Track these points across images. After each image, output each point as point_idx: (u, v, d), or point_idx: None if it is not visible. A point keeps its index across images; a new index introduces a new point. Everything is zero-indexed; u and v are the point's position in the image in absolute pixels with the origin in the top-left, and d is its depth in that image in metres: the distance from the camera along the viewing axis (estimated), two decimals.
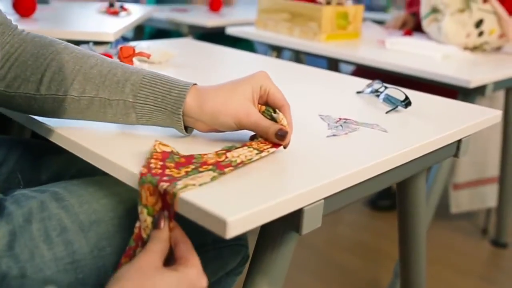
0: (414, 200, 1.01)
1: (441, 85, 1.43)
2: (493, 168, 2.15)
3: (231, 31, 1.97)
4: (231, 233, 0.52)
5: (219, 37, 2.42)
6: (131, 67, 0.71)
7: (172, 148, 0.64)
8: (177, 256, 0.55)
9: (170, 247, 0.56)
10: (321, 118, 0.85)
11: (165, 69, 1.14)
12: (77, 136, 0.71)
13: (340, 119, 0.85)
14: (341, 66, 2.93)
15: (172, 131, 0.72)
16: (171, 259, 0.56)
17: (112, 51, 1.15)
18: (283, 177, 0.63)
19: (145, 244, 0.57)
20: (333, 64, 2.79)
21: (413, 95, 1.05)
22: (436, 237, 2.09)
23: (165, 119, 0.68)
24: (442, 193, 1.67)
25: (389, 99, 0.96)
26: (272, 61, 1.35)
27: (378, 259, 1.94)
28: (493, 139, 2.12)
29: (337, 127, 0.81)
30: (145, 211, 0.57)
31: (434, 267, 1.88)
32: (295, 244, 0.70)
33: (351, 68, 2.21)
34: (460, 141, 0.92)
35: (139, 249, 0.58)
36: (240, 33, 1.94)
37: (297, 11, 1.82)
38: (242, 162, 0.62)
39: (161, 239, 0.55)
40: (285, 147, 0.69)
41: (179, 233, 0.56)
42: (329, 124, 0.82)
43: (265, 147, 0.66)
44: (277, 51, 2.04)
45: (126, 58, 0.95)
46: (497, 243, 2.08)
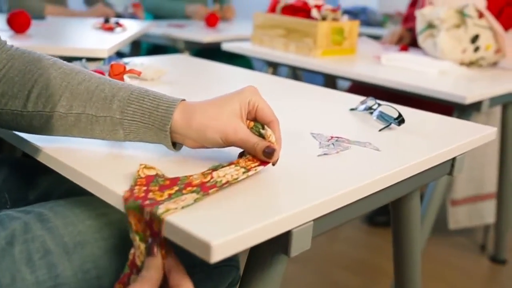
0: (408, 219, 0.99)
1: (437, 101, 1.42)
2: (491, 184, 2.14)
3: (226, 47, 1.96)
4: (215, 257, 0.50)
5: (216, 52, 2.42)
6: (119, 83, 0.70)
7: (157, 170, 0.63)
8: (171, 284, 0.54)
9: (164, 274, 0.55)
10: (313, 136, 0.84)
11: (157, 86, 1.13)
12: (64, 155, 0.70)
13: (332, 137, 0.83)
14: (338, 81, 2.93)
15: (161, 148, 0.71)
16: (165, 286, 0.55)
17: (104, 68, 1.14)
18: (271, 198, 0.61)
19: (139, 271, 0.56)
20: (329, 79, 2.78)
21: (407, 112, 1.04)
22: (434, 253, 2.07)
23: (152, 136, 0.67)
24: (440, 209, 1.66)
25: (382, 117, 0.95)
26: (266, 78, 1.34)
27: (374, 276, 1.91)
28: (490, 155, 2.11)
29: (328, 145, 0.80)
30: (137, 237, 0.56)
31: (432, 283, 1.86)
32: (285, 265, 0.68)
33: (348, 83, 2.20)
34: (454, 159, 0.90)
35: (133, 276, 0.57)
36: (235, 49, 1.94)
37: (292, 27, 1.82)
38: (227, 182, 0.60)
39: (155, 266, 0.54)
40: (274, 164, 0.67)
41: (172, 260, 0.55)
42: (320, 142, 0.81)
43: (253, 165, 0.65)
44: (273, 67, 2.04)
45: (116, 75, 0.94)
46: (496, 260, 2.05)
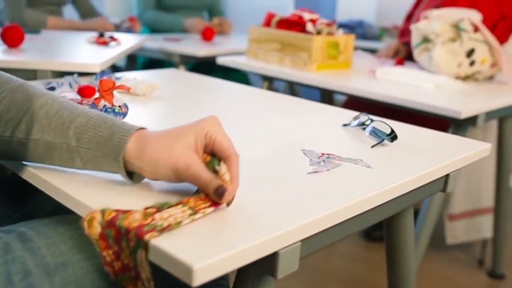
0: (401, 236, 0.97)
1: (433, 116, 1.41)
2: (488, 198, 2.12)
3: (221, 61, 1.96)
4: (198, 280, 0.49)
5: (213, 66, 2.41)
6: (81, 107, 0.67)
7: (100, 212, 0.56)
8: None
9: None
10: (304, 153, 0.83)
11: (148, 102, 1.12)
12: (49, 174, 0.68)
13: (323, 154, 0.82)
14: (335, 94, 2.92)
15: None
16: None
17: (96, 83, 1.13)
18: (256, 218, 0.60)
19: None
20: (326, 93, 2.78)
21: (401, 127, 1.03)
22: (431, 268, 2.05)
23: (108, 166, 0.64)
24: (437, 223, 1.64)
25: (375, 133, 0.93)
26: (259, 93, 1.33)
27: None
28: (488, 169, 2.10)
29: (319, 162, 0.78)
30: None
31: None
32: (273, 287, 0.66)
33: (345, 96, 2.19)
34: (448, 175, 0.89)
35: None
36: (230, 63, 1.93)
37: (287, 41, 1.81)
38: (169, 225, 0.54)
39: None
40: (228, 205, 0.61)
41: None
42: (311, 159, 0.80)
43: (203, 206, 0.58)
44: (269, 81, 2.03)
45: (105, 91, 0.92)
46: (494, 275, 2.03)
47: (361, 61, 2.09)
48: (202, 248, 0.51)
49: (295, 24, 1.85)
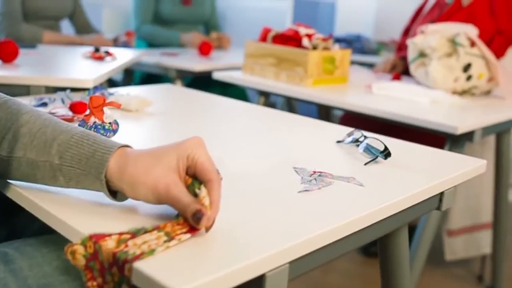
0: (396, 256, 0.95)
1: (429, 131, 1.39)
2: (487, 213, 2.10)
3: (217, 76, 1.95)
4: None
5: (210, 81, 2.41)
6: (64, 124, 0.66)
7: (81, 245, 0.54)
8: None
9: None
10: (296, 171, 0.82)
11: (140, 118, 1.11)
12: (31, 191, 0.67)
13: (314, 172, 0.81)
14: (332, 109, 2.91)
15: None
16: None
17: (88, 99, 1.12)
18: (244, 239, 0.58)
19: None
20: (323, 107, 2.76)
21: (395, 144, 1.02)
22: (430, 284, 2.03)
23: (91, 184, 0.62)
24: (435, 239, 1.62)
25: (369, 149, 0.92)
26: (254, 108, 1.32)
27: None
28: (486, 184, 2.08)
29: (310, 181, 0.77)
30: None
31: None
32: None
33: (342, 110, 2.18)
34: (442, 193, 0.87)
35: None
36: (226, 78, 1.92)
37: (283, 56, 1.80)
38: (141, 253, 0.51)
39: None
40: (207, 231, 0.58)
41: None
42: (302, 177, 0.78)
43: (179, 232, 0.56)
44: (265, 96, 2.02)
45: (95, 108, 0.91)
46: None
47: (357, 75, 2.08)
48: (186, 271, 0.50)
49: (291, 39, 1.84)
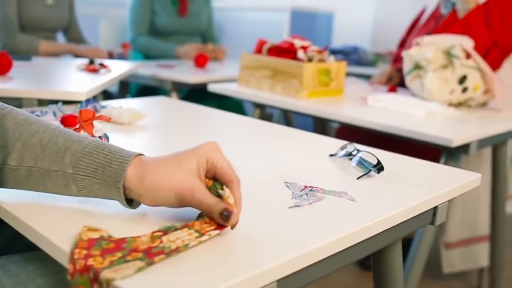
0: (389, 271, 0.94)
1: (424, 144, 1.38)
2: (484, 226, 2.09)
3: (213, 88, 1.94)
4: None
5: (206, 93, 2.40)
6: (75, 134, 0.66)
7: (102, 232, 0.58)
8: None
9: None
10: (287, 185, 0.80)
11: (132, 131, 1.09)
12: (15, 206, 0.66)
13: (306, 187, 0.79)
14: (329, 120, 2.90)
15: (118, 203, 0.67)
16: None
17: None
18: (229, 257, 0.57)
19: None
20: (319, 119, 2.75)
21: (388, 157, 1.01)
22: None
23: (106, 193, 0.63)
24: (432, 251, 1.60)
25: (361, 163, 0.91)
26: (248, 121, 1.31)
27: None
28: (483, 196, 2.07)
29: (301, 196, 0.76)
30: None
31: None
32: None
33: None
34: (436, 208, 0.86)
35: None
36: (221, 90, 1.91)
37: (278, 68, 1.80)
38: (177, 248, 0.55)
39: None
40: (233, 228, 0.62)
41: None
42: (293, 192, 0.77)
43: (208, 229, 0.60)
44: (261, 108, 2.01)
45: (85, 121, 0.90)
46: None
47: (353, 87, 2.07)
48: (168, 286, 0.49)
49: (286, 51, 1.84)
